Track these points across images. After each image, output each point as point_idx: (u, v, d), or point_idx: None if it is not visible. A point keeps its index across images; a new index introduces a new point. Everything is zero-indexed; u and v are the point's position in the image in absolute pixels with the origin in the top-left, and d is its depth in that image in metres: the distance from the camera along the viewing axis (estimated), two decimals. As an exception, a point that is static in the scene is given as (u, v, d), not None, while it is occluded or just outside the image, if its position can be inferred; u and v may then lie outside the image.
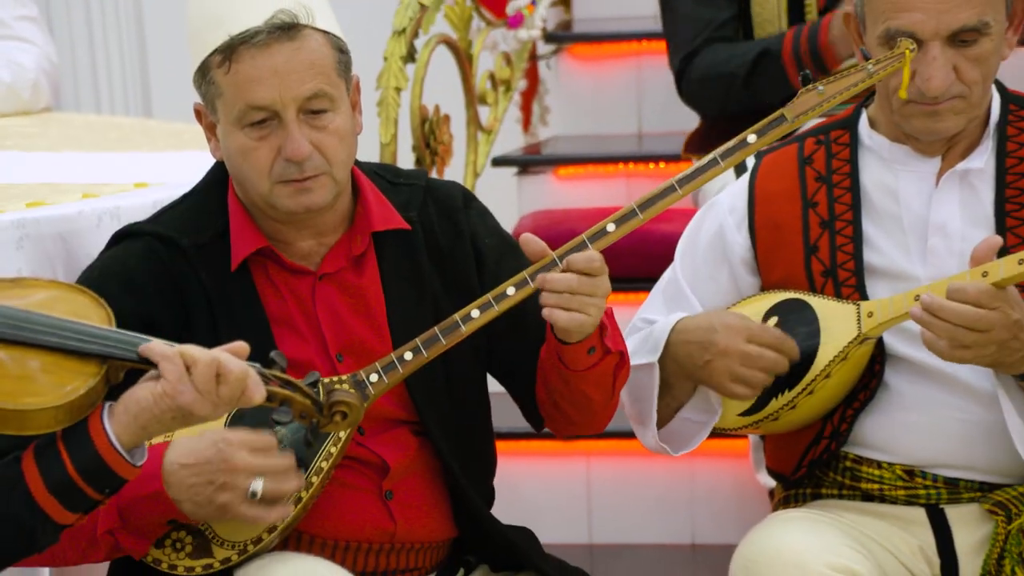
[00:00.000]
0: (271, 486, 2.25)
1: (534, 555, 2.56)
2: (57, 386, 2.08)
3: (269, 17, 2.38)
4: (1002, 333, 2.45)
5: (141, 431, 2.10)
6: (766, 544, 2.56)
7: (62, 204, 2.74)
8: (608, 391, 2.51)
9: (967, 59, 2.55)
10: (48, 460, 2.09)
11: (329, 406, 2.26)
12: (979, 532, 2.62)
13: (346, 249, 2.51)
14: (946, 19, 2.52)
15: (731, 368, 2.56)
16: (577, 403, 2.51)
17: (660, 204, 2.47)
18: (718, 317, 2.62)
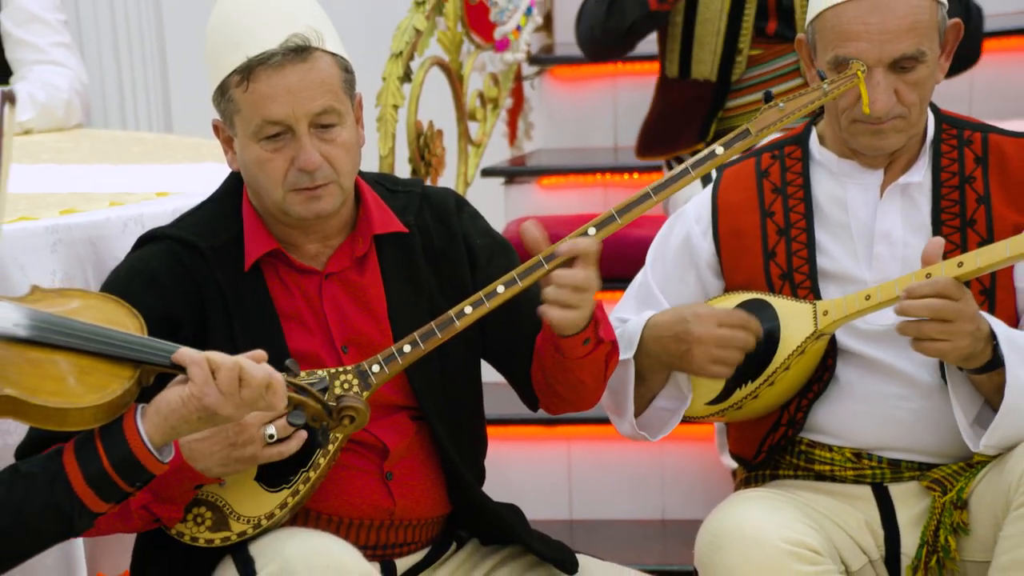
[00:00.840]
0: (280, 423, 2.27)
1: (520, 530, 2.56)
2: (96, 388, 2.09)
3: (284, 40, 2.39)
4: (967, 325, 2.46)
5: (171, 430, 2.12)
6: (729, 520, 2.56)
7: (91, 211, 2.74)
8: (600, 376, 2.52)
9: (906, 83, 2.57)
10: (86, 455, 2.10)
11: (339, 411, 2.27)
12: (918, 506, 2.63)
13: (350, 250, 2.51)
14: (888, 48, 2.54)
15: (709, 352, 2.56)
16: (572, 387, 2.51)
17: (637, 209, 2.47)
18: (688, 309, 2.62)
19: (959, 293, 2.45)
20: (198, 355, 2.11)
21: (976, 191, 2.66)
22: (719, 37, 3.45)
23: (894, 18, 2.55)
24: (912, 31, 2.55)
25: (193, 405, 2.11)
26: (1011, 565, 2.47)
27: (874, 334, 2.60)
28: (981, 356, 2.50)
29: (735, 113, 3.50)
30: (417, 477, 2.51)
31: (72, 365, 2.10)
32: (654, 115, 3.60)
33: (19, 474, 2.12)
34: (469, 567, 2.57)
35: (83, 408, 2.07)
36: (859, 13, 2.55)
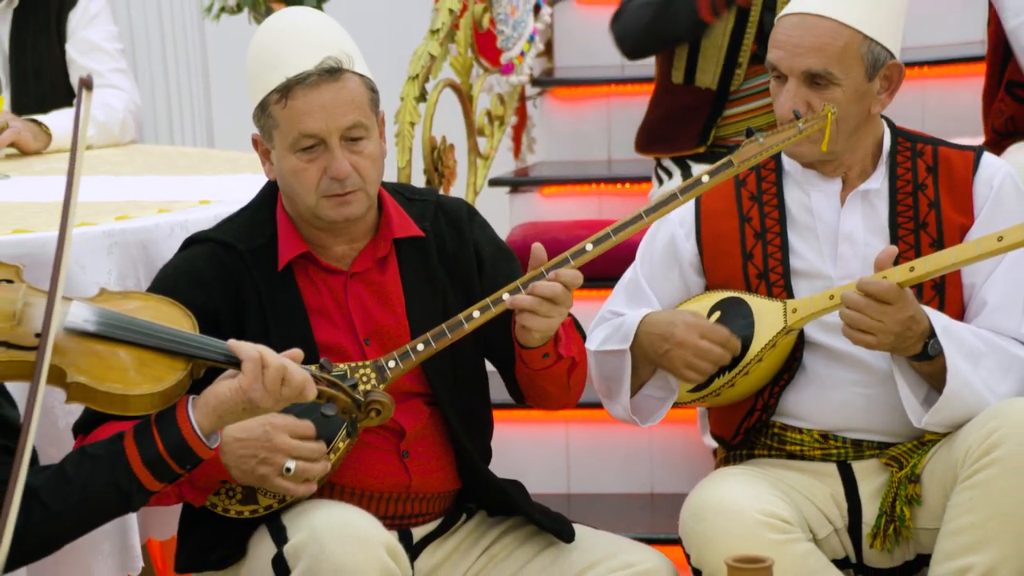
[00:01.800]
0: (302, 466, 2.27)
1: (523, 503, 2.56)
2: (153, 378, 2.10)
3: (319, 63, 2.39)
4: (895, 327, 2.47)
5: (218, 420, 2.13)
6: (710, 494, 2.57)
7: (143, 218, 2.75)
8: (563, 387, 2.52)
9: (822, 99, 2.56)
10: (144, 440, 2.10)
11: (366, 404, 2.28)
12: (877, 481, 2.63)
13: (372, 252, 2.51)
14: (796, 61, 2.56)
15: (685, 358, 2.56)
16: (539, 393, 2.54)
17: (630, 228, 2.47)
18: (679, 315, 2.61)
19: (894, 298, 2.46)
20: (254, 351, 2.12)
21: (928, 197, 2.66)
22: (722, 52, 3.44)
23: (809, 37, 2.55)
24: (821, 51, 2.55)
25: (240, 397, 2.11)
26: (957, 530, 2.48)
27: (837, 327, 2.58)
28: (910, 349, 2.51)
29: (732, 120, 3.49)
30: (430, 456, 2.51)
31: (133, 358, 2.10)
32: (657, 115, 3.58)
33: (86, 455, 2.12)
34: (477, 535, 2.57)
35: (141, 395, 2.08)
36: (787, 26, 2.58)
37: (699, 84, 3.47)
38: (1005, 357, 2.58)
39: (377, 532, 2.35)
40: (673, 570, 2.52)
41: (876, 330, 2.47)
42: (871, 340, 2.49)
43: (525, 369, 2.46)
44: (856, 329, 2.49)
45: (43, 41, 3.64)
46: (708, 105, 3.47)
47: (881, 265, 2.50)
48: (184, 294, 2.36)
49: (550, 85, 4.40)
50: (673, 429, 3.34)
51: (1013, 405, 2.50)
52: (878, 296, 2.46)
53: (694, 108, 3.48)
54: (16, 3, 3.61)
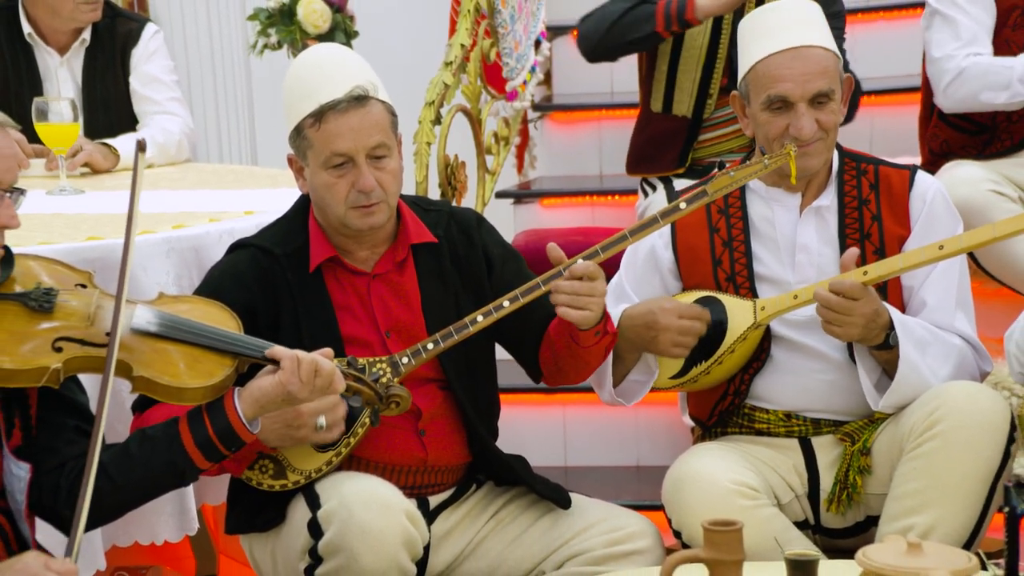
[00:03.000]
0: (329, 417, 2.26)
1: (526, 474, 2.56)
2: (205, 373, 2.10)
3: (347, 91, 2.39)
4: (862, 320, 2.48)
5: (260, 409, 2.13)
6: (688, 467, 2.57)
7: (195, 226, 2.75)
8: (601, 359, 2.54)
9: (823, 114, 2.57)
10: (196, 425, 2.10)
11: (387, 397, 2.29)
12: (833, 453, 2.64)
13: (392, 256, 2.51)
14: (808, 86, 2.55)
15: (671, 338, 2.56)
16: (578, 367, 2.53)
17: (618, 247, 2.48)
18: (655, 303, 2.60)
19: (859, 295, 2.47)
20: (289, 351, 2.12)
21: (871, 211, 2.66)
22: (695, 84, 3.42)
23: (810, 64, 2.55)
24: (824, 74, 2.56)
25: (280, 391, 2.11)
26: (902, 495, 2.49)
27: (799, 323, 2.60)
28: (874, 339, 2.52)
29: (706, 144, 3.46)
30: (444, 433, 2.51)
31: (187, 355, 2.11)
32: (641, 140, 3.54)
33: (146, 436, 2.13)
34: (486, 503, 2.57)
35: (195, 388, 2.09)
36: (784, 61, 2.56)
37: (676, 112, 3.46)
38: (946, 346, 2.59)
39: (398, 500, 2.35)
40: (657, 533, 2.53)
41: (846, 323, 2.48)
42: (842, 332, 2.49)
43: (576, 348, 2.46)
44: (830, 323, 2.49)
45: (110, 75, 3.65)
46: (684, 131, 3.46)
47: (845, 266, 2.51)
48: (228, 292, 2.38)
49: (549, 110, 4.40)
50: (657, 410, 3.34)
51: (952, 388, 2.50)
52: (847, 294, 2.47)
53: (673, 134, 3.46)
54: (88, 43, 3.61)
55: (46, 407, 2.08)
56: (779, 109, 2.56)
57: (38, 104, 3.16)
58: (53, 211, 2.93)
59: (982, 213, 3.09)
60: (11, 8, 3.59)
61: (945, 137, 3.36)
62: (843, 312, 2.47)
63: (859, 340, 2.52)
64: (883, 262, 2.53)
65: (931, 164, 3.37)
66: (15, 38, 3.58)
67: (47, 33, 3.59)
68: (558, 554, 2.49)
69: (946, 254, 2.52)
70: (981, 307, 2.72)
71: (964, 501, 2.45)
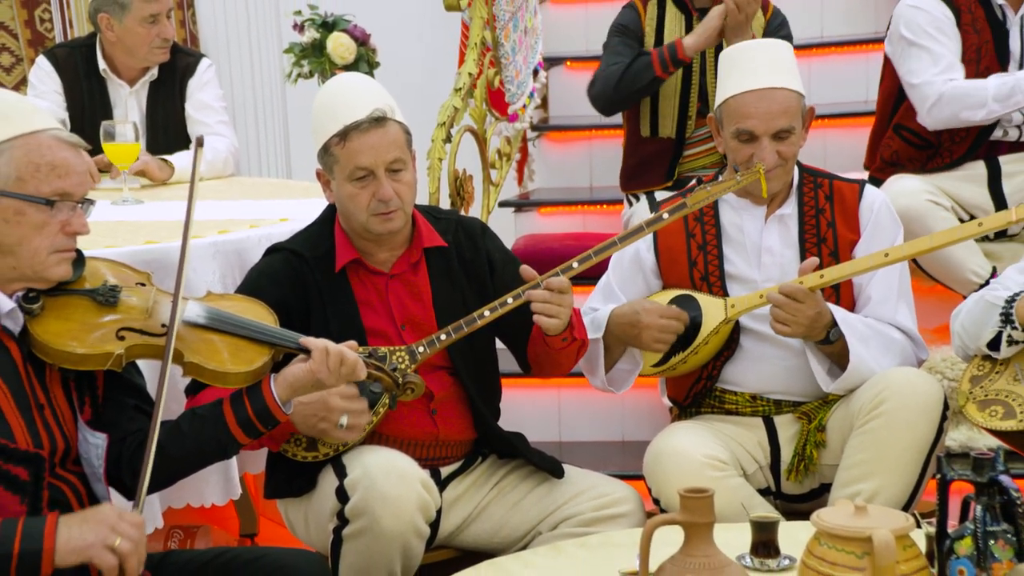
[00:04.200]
0: (352, 420, 2.28)
1: (524, 448, 2.57)
2: (246, 361, 2.10)
3: (369, 113, 2.39)
4: (805, 320, 2.49)
5: (292, 392, 2.12)
6: (666, 443, 2.58)
7: (238, 231, 2.75)
8: (572, 360, 2.54)
9: (784, 146, 2.58)
10: (238, 406, 2.10)
11: (404, 385, 2.29)
12: (792, 430, 2.65)
13: (407, 258, 2.51)
14: (771, 124, 2.56)
15: (652, 335, 2.57)
16: (552, 365, 2.53)
17: (609, 251, 2.48)
18: (639, 304, 2.62)
19: (804, 299, 2.48)
20: (319, 342, 2.12)
21: (826, 219, 2.67)
22: (675, 109, 3.43)
23: (775, 104, 2.57)
24: (786, 113, 2.57)
25: (310, 377, 2.11)
26: (851, 465, 2.50)
27: (765, 317, 2.60)
28: (816, 336, 2.53)
29: (689, 159, 3.46)
30: (453, 413, 2.52)
31: (231, 345, 2.10)
32: (633, 162, 3.54)
33: (195, 416, 2.13)
34: (490, 473, 2.58)
35: (237, 373, 2.08)
36: (752, 100, 2.57)
37: (662, 135, 3.47)
38: (886, 339, 2.60)
39: (414, 470, 2.36)
40: (639, 499, 2.53)
41: (791, 322, 2.49)
42: (787, 330, 2.51)
43: (548, 349, 2.46)
44: (777, 321, 2.50)
45: (170, 102, 3.65)
46: (671, 150, 3.47)
47: (804, 271, 2.52)
48: (265, 290, 2.38)
49: (545, 130, 4.38)
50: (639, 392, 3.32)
51: (894, 374, 2.52)
52: (793, 296, 2.48)
53: (660, 153, 3.48)
54: (154, 77, 3.64)
55: (110, 387, 2.09)
56: (746, 140, 2.58)
57: (106, 127, 3.17)
58: (117, 219, 2.93)
59: (920, 220, 3.11)
60: (89, 46, 3.60)
61: (896, 148, 3.36)
62: (790, 312, 2.48)
63: (803, 337, 2.54)
64: (837, 267, 2.55)
65: (880, 171, 3.37)
66: (92, 72, 3.60)
67: (121, 69, 3.61)
68: (552, 517, 2.49)
69: (890, 261, 2.53)
70: (919, 301, 2.72)
71: (903, 470, 2.46)
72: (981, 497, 1.80)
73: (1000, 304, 2.40)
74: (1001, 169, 3.27)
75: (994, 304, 2.41)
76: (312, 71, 4.17)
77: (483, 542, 2.53)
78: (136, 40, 3.51)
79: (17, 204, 1.90)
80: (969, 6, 3.24)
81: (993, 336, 2.41)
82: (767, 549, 2.11)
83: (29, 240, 1.92)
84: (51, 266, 1.96)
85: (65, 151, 1.95)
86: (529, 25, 4.11)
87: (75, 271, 2.04)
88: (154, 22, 3.50)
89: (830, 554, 1.78)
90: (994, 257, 3.24)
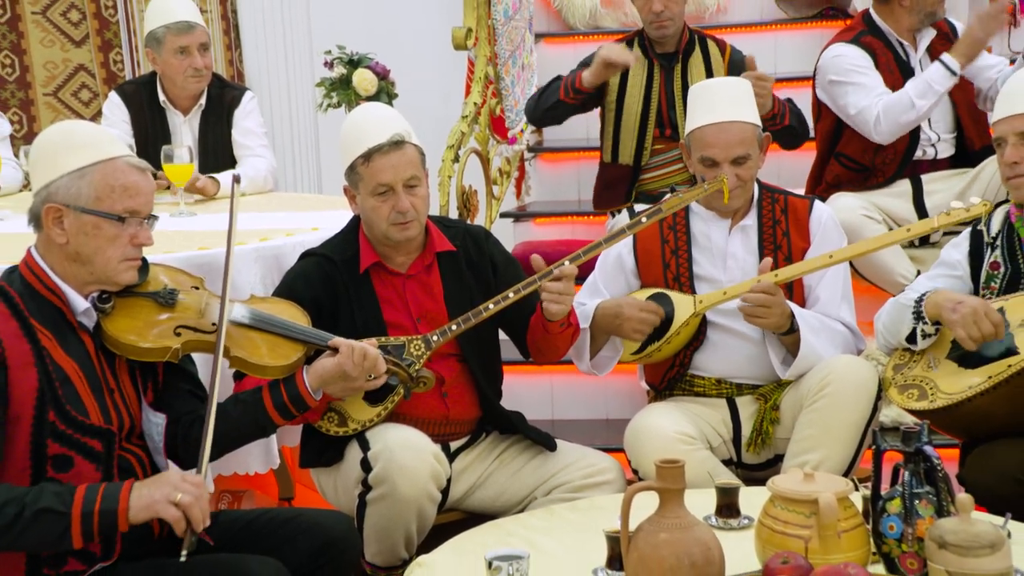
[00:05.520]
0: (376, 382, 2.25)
1: (523, 425, 2.56)
2: (283, 356, 2.11)
3: (389, 137, 2.40)
4: (777, 310, 2.50)
5: (322, 383, 2.14)
6: (643, 421, 2.58)
7: (276, 239, 2.74)
8: (567, 344, 2.53)
9: (742, 169, 2.58)
10: (275, 393, 2.12)
11: (416, 378, 2.30)
12: (751, 409, 2.65)
13: (422, 261, 2.51)
14: (729, 152, 2.57)
15: (632, 326, 2.57)
16: (550, 349, 2.53)
17: (595, 251, 2.48)
18: (622, 300, 2.62)
19: (774, 291, 2.49)
20: (345, 341, 2.13)
21: (782, 229, 2.67)
22: (633, 140, 3.43)
23: (732, 136, 2.58)
24: (742, 143, 2.58)
25: (337, 370, 2.12)
26: (801, 439, 2.50)
27: (728, 312, 2.61)
28: (782, 328, 2.53)
29: (645, 183, 3.46)
30: (461, 395, 2.51)
31: (270, 342, 2.11)
32: (600, 184, 3.56)
33: (239, 400, 2.14)
34: (492, 447, 2.57)
35: (276, 366, 2.09)
36: (713, 132, 2.58)
37: (622, 162, 3.47)
38: (832, 332, 2.60)
39: (428, 444, 2.36)
40: (620, 468, 2.53)
41: (768, 314, 2.50)
42: (763, 321, 2.51)
43: (548, 335, 2.45)
44: (754, 316, 2.51)
45: (219, 129, 3.66)
46: (629, 176, 3.47)
47: (762, 270, 2.53)
48: (299, 290, 2.39)
49: (540, 151, 4.37)
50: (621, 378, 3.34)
51: (837, 361, 2.52)
52: (768, 291, 2.48)
53: (622, 178, 3.48)
54: (203, 106, 3.65)
55: (169, 375, 2.10)
56: (710, 165, 2.59)
57: (165, 150, 3.20)
58: (174, 229, 2.92)
59: (857, 232, 3.14)
60: (151, 83, 3.63)
61: (837, 172, 3.39)
62: (766, 306, 2.49)
63: (775, 327, 2.53)
64: (789, 267, 2.55)
65: (824, 191, 3.40)
66: (153, 104, 3.62)
67: (175, 100, 3.62)
68: (546, 484, 2.50)
69: (834, 261, 2.55)
70: (858, 300, 2.73)
71: (844, 443, 2.47)
72: (908, 464, 1.82)
73: (911, 304, 2.43)
74: (923, 187, 3.33)
75: (906, 305, 2.45)
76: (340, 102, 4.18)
77: (487, 506, 2.52)
78: (172, 70, 3.54)
79: (95, 220, 1.93)
80: (881, 49, 3.29)
81: (910, 331, 2.44)
82: (729, 511, 2.12)
83: (103, 250, 1.95)
84: (121, 272, 1.98)
85: (135, 175, 1.98)
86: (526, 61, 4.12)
87: (140, 276, 2.05)
88: (185, 54, 3.51)
89: (783, 514, 1.80)
90: (918, 262, 3.29)
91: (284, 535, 2.04)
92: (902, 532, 1.78)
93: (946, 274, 2.51)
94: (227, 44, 4.86)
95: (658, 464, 1.75)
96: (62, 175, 1.94)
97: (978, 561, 1.64)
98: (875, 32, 3.29)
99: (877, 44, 3.28)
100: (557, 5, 4.60)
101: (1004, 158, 2.41)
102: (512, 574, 1.83)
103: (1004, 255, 2.44)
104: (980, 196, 2.92)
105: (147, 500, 1.81)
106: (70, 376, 1.91)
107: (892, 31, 3.29)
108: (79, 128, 2.01)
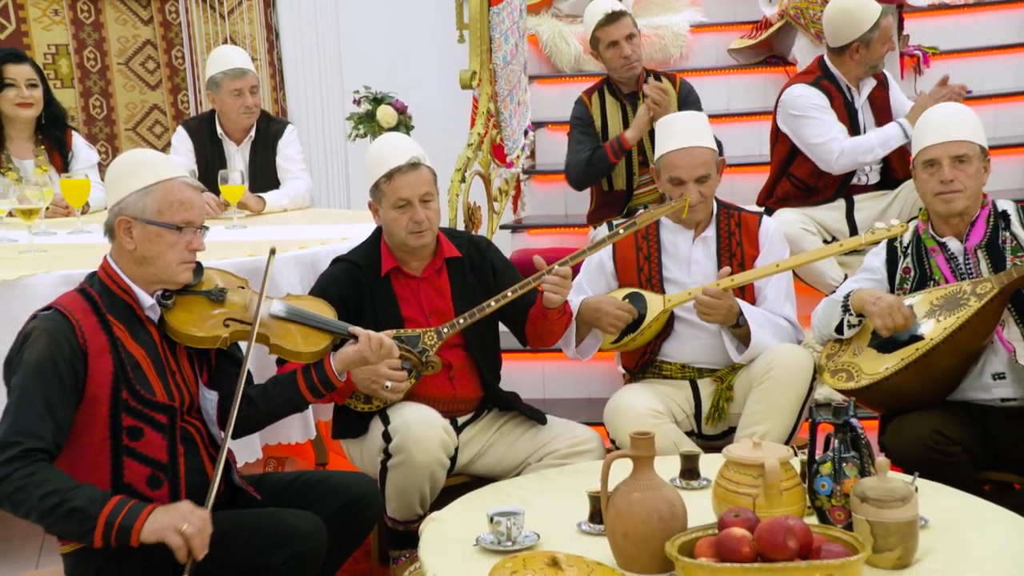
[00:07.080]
0: (393, 385, 2.27)
1: (518, 404, 2.56)
2: (313, 344, 2.10)
3: (407, 160, 2.40)
4: (722, 311, 2.50)
5: (345, 366, 2.13)
6: (619, 399, 2.58)
7: (312, 247, 2.74)
8: (561, 330, 2.52)
9: (703, 187, 2.58)
10: (307, 376, 2.11)
11: (426, 363, 2.29)
12: (710, 389, 2.64)
13: (433, 266, 2.51)
14: (692, 172, 2.57)
15: (610, 320, 2.56)
16: (547, 334, 2.51)
17: (581, 256, 2.48)
18: (602, 298, 2.61)
19: (721, 297, 2.49)
20: (364, 331, 2.13)
21: (736, 240, 2.67)
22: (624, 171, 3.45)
23: (695, 159, 2.58)
24: (704, 165, 2.58)
25: (358, 356, 2.12)
26: (750, 414, 2.51)
27: (691, 309, 2.59)
28: (729, 322, 2.53)
29: (635, 199, 3.49)
30: (466, 378, 2.51)
31: (303, 332, 2.10)
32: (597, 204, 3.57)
33: (277, 381, 2.13)
34: (492, 421, 2.56)
35: (308, 352, 2.08)
36: (679, 156, 2.59)
37: (616, 188, 3.49)
38: (776, 325, 2.61)
39: (438, 419, 2.36)
40: (600, 440, 2.53)
41: (713, 314, 2.50)
42: (711, 319, 2.51)
43: (546, 321, 2.44)
44: (703, 314, 2.51)
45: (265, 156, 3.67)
46: (622, 197, 3.49)
47: (721, 276, 2.53)
48: (330, 290, 2.39)
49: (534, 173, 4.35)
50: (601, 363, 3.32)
51: (780, 349, 2.53)
52: (714, 295, 2.49)
53: (617, 199, 3.50)
54: (253, 138, 3.67)
55: (220, 360, 2.10)
56: (677, 184, 2.59)
57: (221, 174, 3.25)
58: (226, 239, 2.93)
59: (796, 240, 3.16)
60: (211, 119, 3.66)
61: (787, 189, 3.40)
62: (712, 307, 2.49)
63: (721, 323, 2.54)
64: (743, 273, 2.55)
65: (774, 204, 3.42)
66: (212, 136, 3.64)
67: (230, 132, 3.65)
68: (538, 453, 2.49)
69: (780, 269, 2.55)
70: (798, 298, 2.73)
71: (786, 416, 2.47)
72: (838, 434, 1.84)
73: (840, 300, 2.47)
74: (855, 204, 3.35)
75: (837, 301, 2.48)
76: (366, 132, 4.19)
77: (488, 471, 2.52)
78: (228, 108, 3.57)
79: (158, 229, 1.95)
80: (834, 92, 3.31)
81: (838, 322, 2.45)
82: (691, 474, 2.13)
83: (164, 255, 1.96)
84: (179, 273, 1.99)
85: (190, 192, 2.00)
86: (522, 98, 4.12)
87: (196, 277, 2.06)
88: (239, 95, 3.54)
89: (735, 476, 1.82)
90: (846, 267, 3.32)
91: (318, 493, 2.04)
92: (832, 489, 1.80)
93: (868, 277, 2.53)
94: (273, 86, 4.94)
95: (632, 436, 1.75)
96: (130, 193, 1.96)
97: (891, 512, 1.68)
98: (829, 77, 3.32)
99: (831, 87, 3.31)
100: (547, 52, 4.62)
101: (937, 177, 2.40)
102: (510, 527, 1.84)
103: (914, 261, 2.47)
104: (898, 211, 2.96)
105: (158, 525, 1.79)
106: (139, 361, 1.93)
107: (843, 77, 3.31)
108: (143, 155, 2.02)
